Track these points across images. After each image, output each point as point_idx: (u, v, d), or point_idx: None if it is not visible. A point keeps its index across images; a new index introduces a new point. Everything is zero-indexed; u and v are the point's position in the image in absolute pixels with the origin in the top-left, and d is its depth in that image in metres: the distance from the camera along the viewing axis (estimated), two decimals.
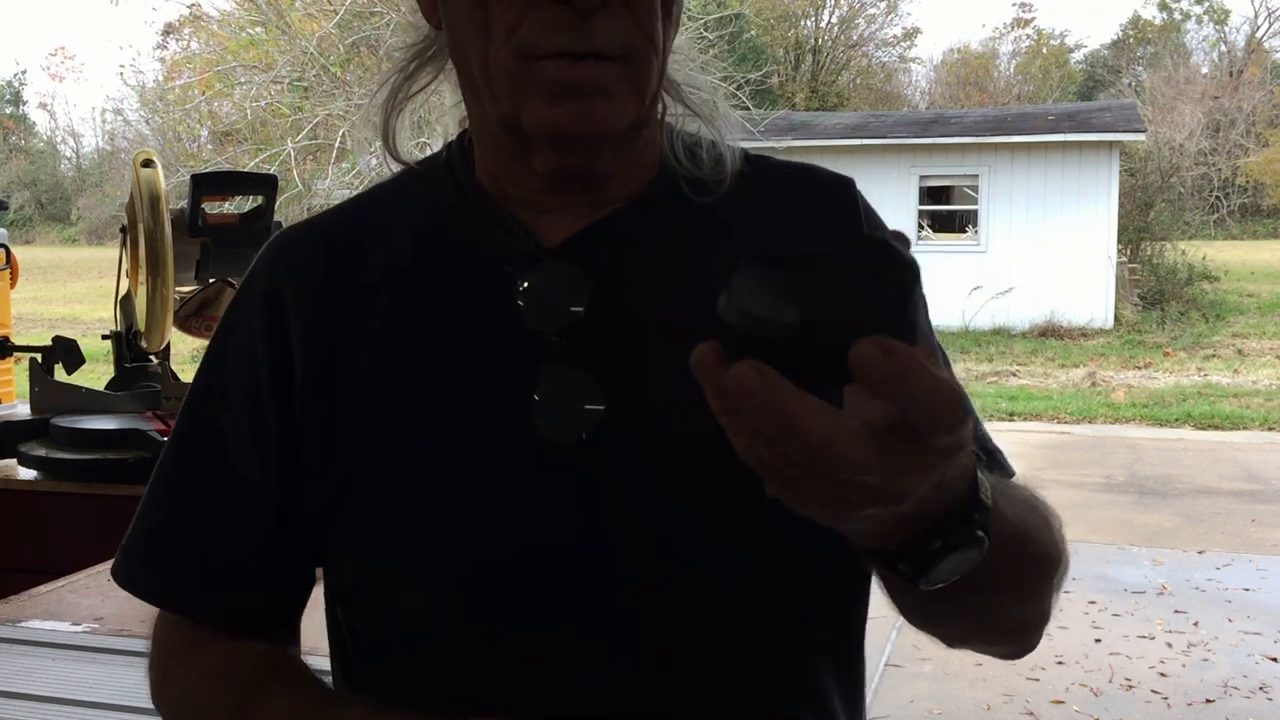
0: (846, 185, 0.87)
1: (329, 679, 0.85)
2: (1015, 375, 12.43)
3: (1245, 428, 9.64)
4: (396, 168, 0.86)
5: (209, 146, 17.67)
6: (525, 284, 0.78)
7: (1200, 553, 6.01)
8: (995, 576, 0.66)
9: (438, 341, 0.79)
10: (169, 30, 20.53)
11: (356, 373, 0.79)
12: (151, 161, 2.55)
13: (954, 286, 14.29)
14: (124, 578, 0.84)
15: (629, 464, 0.75)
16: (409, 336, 0.79)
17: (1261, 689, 4.20)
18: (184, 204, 2.64)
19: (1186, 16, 37.70)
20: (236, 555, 0.81)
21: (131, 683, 1.36)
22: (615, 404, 0.76)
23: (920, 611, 0.74)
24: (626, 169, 0.80)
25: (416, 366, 0.79)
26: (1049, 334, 14.51)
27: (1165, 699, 4.11)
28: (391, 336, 0.79)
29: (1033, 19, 39.29)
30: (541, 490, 0.75)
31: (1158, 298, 16.16)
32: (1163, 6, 38.06)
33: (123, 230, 2.72)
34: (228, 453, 0.82)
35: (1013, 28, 40.87)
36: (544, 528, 0.75)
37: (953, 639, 0.80)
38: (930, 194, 16.06)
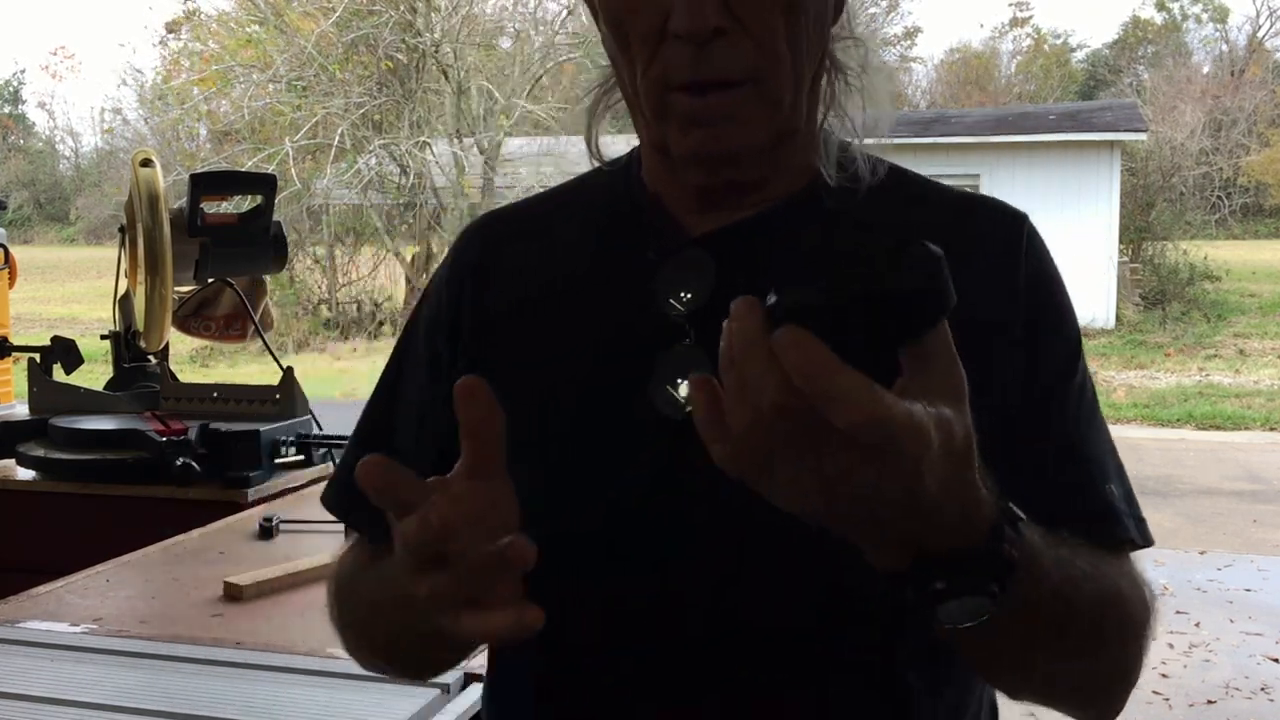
0: (1013, 222, 0.88)
1: None
2: None
3: (1247, 428, 9.64)
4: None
5: (208, 146, 17.67)
6: (661, 269, 0.85)
7: (1201, 553, 6.00)
8: (1028, 632, 0.69)
9: (584, 319, 0.88)
10: (170, 29, 20.53)
11: (512, 343, 0.89)
12: (150, 161, 2.55)
13: None
14: (323, 499, 1.00)
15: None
16: (562, 312, 0.89)
17: (1263, 690, 4.20)
18: (183, 203, 2.64)
19: (1186, 16, 37.72)
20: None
21: (131, 683, 1.36)
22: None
23: (964, 652, 0.75)
24: (776, 174, 0.86)
25: (562, 339, 0.88)
26: None
27: (1166, 700, 4.10)
28: (547, 313, 0.89)
29: (1030, 18, 39.28)
30: (644, 460, 0.82)
31: (1159, 297, 16.16)
32: (1160, 7, 38.05)
33: (121, 230, 2.72)
34: (410, 412, 0.94)
35: (1011, 27, 40.86)
36: (639, 494, 0.82)
37: (1006, 689, 0.81)
38: None
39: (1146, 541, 0.85)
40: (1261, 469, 8.01)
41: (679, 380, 0.82)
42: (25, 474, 2.55)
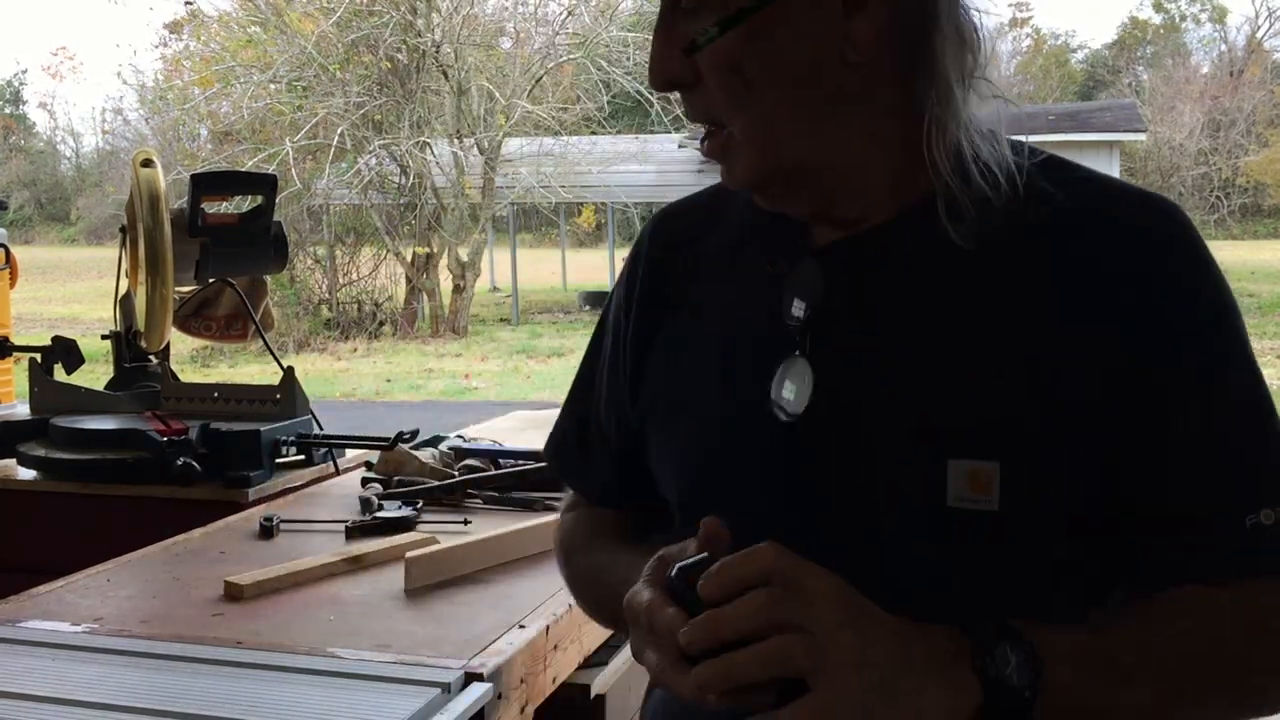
0: (1155, 233, 0.87)
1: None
2: None
3: None
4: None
5: (208, 146, 17.65)
6: (785, 279, 0.92)
7: None
8: None
9: (724, 320, 0.96)
10: (171, 29, 20.51)
11: (664, 333, 1.00)
12: (151, 161, 2.55)
13: None
14: (545, 455, 1.19)
15: (826, 452, 0.87)
16: (706, 311, 0.97)
17: None
18: (183, 204, 2.64)
19: (1184, 17, 37.68)
20: (596, 450, 1.09)
21: (132, 683, 1.36)
22: (821, 396, 0.87)
23: None
24: (864, 195, 0.90)
25: (703, 337, 0.97)
26: None
27: None
28: (695, 309, 0.98)
29: (1029, 18, 39.25)
30: (761, 463, 0.90)
31: None
32: (1158, 8, 38.02)
33: (122, 230, 2.72)
34: (602, 379, 1.08)
35: (1011, 27, 40.84)
36: (754, 496, 0.90)
37: None
38: None
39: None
40: None
41: (784, 384, 0.89)
42: (26, 474, 2.55)
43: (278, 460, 2.47)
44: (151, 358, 2.80)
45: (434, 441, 2.51)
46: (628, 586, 0.82)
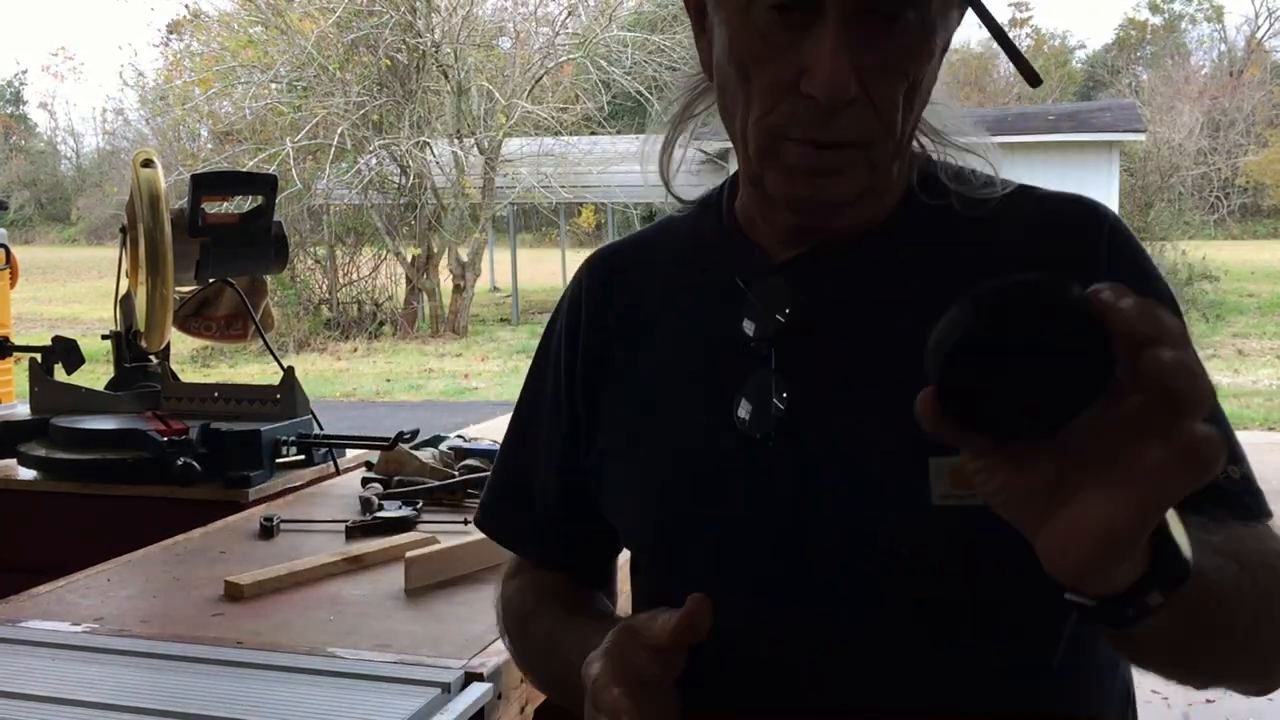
0: (1090, 224, 0.88)
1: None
2: None
3: (1246, 428, 9.64)
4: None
5: (209, 146, 17.65)
6: (746, 296, 0.91)
7: None
8: (1195, 627, 0.69)
9: (680, 346, 0.94)
10: (172, 29, 20.50)
11: (617, 368, 0.97)
12: (151, 161, 2.55)
13: None
14: (477, 520, 1.13)
15: (806, 464, 0.86)
16: (660, 341, 0.96)
17: None
18: (184, 204, 2.64)
19: (1180, 17, 37.67)
20: (538, 510, 1.05)
21: (132, 682, 1.36)
22: (793, 409, 0.87)
23: (1129, 655, 0.76)
24: (861, 211, 0.89)
25: (660, 365, 0.95)
26: None
27: (1165, 699, 4.11)
28: (649, 340, 0.96)
29: (1029, 18, 39.22)
30: (732, 477, 0.88)
31: None
32: (1155, 8, 38.02)
33: (122, 230, 2.72)
34: (538, 432, 1.04)
35: (1010, 28, 40.80)
36: (735, 518, 0.88)
37: (1176, 679, 0.81)
38: None
39: (1257, 513, 0.85)
40: (1261, 469, 7.90)
41: (752, 400, 0.88)
42: (26, 474, 2.55)
43: (278, 460, 2.47)
44: (152, 358, 2.80)
45: (434, 441, 2.51)
46: (584, 654, 0.82)
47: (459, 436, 2.64)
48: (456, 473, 2.28)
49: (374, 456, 2.41)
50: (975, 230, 0.89)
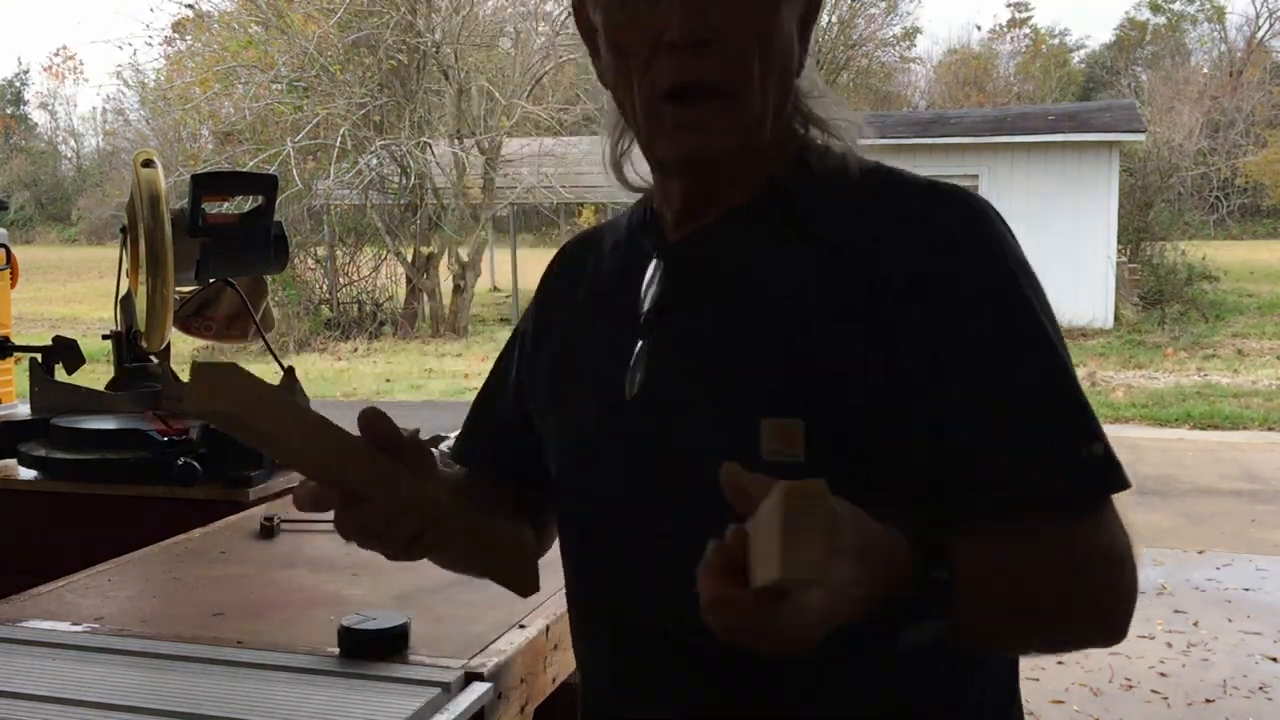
0: (963, 211, 0.95)
1: None
2: None
3: (1245, 428, 9.64)
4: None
5: (209, 146, 17.64)
6: (646, 275, 1.03)
7: (1200, 552, 6.01)
8: (1000, 621, 0.88)
9: (600, 317, 1.07)
10: (174, 29, 20.49)
11: (555, 336, 1.11)
12: (151, 161, 2.55)
13: None
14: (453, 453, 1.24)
15: (659, 426, 0.98)
16: (587, 315, 1.09)
17: (1261, 689, 4.20)
18: (184, 204, 2.64)
19: (1180, 17, 37.67)
20: (492, 443, 1.20)
21: (132, 682, 1.36)
22: (655, 378, 0.99)
23: (955, 647, 0.87)
24: (738, 185, 1.00)
25: (583, 335, 1.08)
26: None
27: (1165, 699, 4.11)
28: (577, 314, 1.10)
29: (1028, 19, 39.22)
30: (616, 444, 1.01)
31: (1158, 298, 16.15)
32: (1155, 8, 38.01)
33: (123, 230, 2.72)
34: (501, 380, 1.19)
35: (1009, 28, 40.83)
36: (609, 475, 1.01)
37: (1011, 655, 1.02)
38: None
39: (1119, 485, 0.91)
40: (1260, 469, 8.01)
41: (636, 369, 1.00)
42: (27, 474, 2.55)
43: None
44: (152, 358, 2.81)
45: (434, 441, 2.51)
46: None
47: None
48: None
49: None
50: (838, 216, 0.97)
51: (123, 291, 2.79)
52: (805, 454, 0.89)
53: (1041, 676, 4.20)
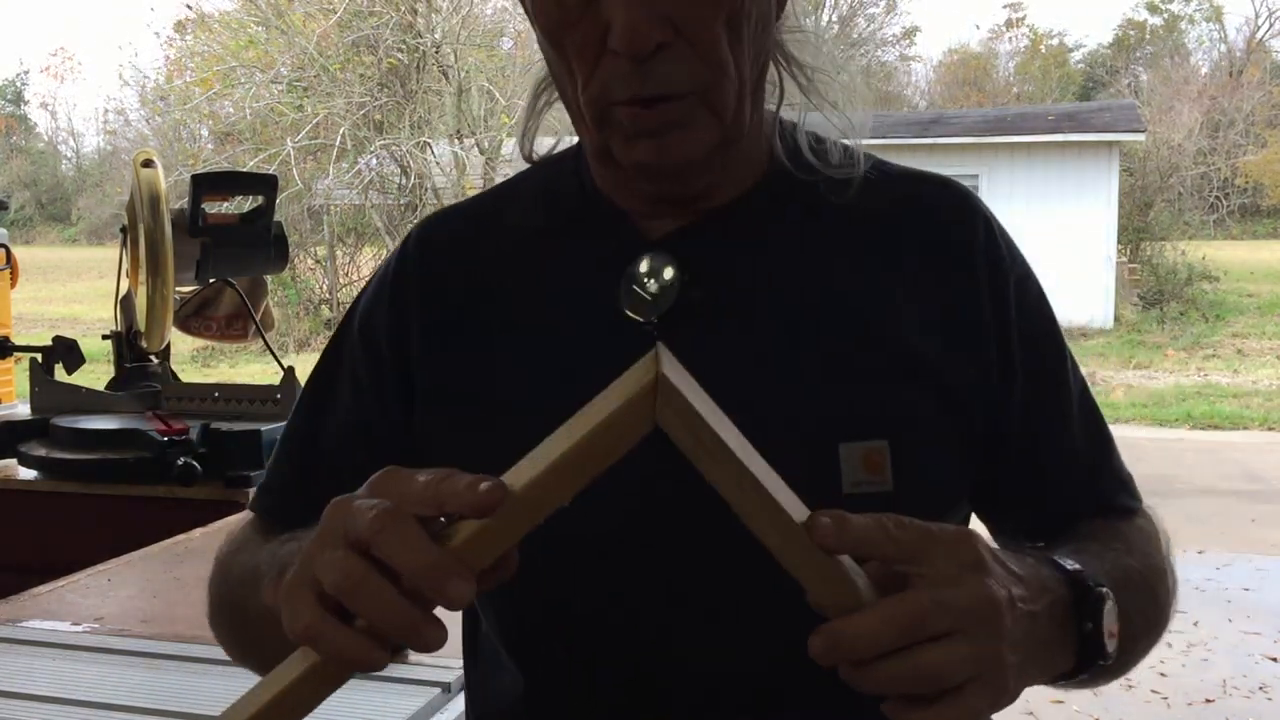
0: (959, 204, 0.89)
1: None
2: None
3: (1245, 427, 9.64)
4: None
5: (209, 146, 17.65)
6: (624, 276, 0.83)
7: (1200, 552, 6.01)
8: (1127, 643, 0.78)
9: (548, 322, 0.85)
10: (175, 29, 20.51)
11: (469, 338, 0.87)
12: (152, 161, 2.55)
13: None
14: (253, 502, 0.97)
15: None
16: (523, 317, 0.86)
17: (1261, 689, 4.20)
18: (184, 204, 2.64)
19: (1180, 17, 37.68)
20: (323, 482, 0.80)
21: (132, 682, 1.36)
22: None
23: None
24: (725, 178, 0.84)
25: (524, 337, 0.86)
26: None
27: (1165, 699, 4.11)
28: (507, 317, 0.87)
29: (1024, 18, 39.24)
30: (624, 470, 0.79)
31: (1157, 298, 16.16)
32: (1153, 9, 38.02)
33: (123, 230, 2.72)
34: (335, 406, 0.91)
35: (1008, 28, 40.82)
36: (617, 505, 0.76)
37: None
38: None
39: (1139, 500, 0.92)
40: (1260, 468, 8.01)
41: None
42: (27, 474, 2.55)
43: None
44: (152, 358, 2.81)
45: None
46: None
47: None
48: None
49: None
50: (842, 206, 0.86)
51: (123, 291, 2.79)
52: (894, 480, 0.78)
53: None
